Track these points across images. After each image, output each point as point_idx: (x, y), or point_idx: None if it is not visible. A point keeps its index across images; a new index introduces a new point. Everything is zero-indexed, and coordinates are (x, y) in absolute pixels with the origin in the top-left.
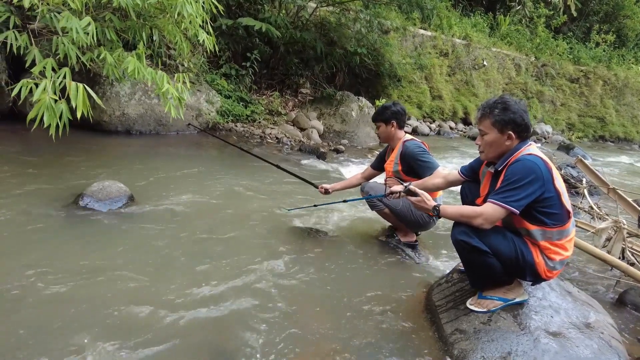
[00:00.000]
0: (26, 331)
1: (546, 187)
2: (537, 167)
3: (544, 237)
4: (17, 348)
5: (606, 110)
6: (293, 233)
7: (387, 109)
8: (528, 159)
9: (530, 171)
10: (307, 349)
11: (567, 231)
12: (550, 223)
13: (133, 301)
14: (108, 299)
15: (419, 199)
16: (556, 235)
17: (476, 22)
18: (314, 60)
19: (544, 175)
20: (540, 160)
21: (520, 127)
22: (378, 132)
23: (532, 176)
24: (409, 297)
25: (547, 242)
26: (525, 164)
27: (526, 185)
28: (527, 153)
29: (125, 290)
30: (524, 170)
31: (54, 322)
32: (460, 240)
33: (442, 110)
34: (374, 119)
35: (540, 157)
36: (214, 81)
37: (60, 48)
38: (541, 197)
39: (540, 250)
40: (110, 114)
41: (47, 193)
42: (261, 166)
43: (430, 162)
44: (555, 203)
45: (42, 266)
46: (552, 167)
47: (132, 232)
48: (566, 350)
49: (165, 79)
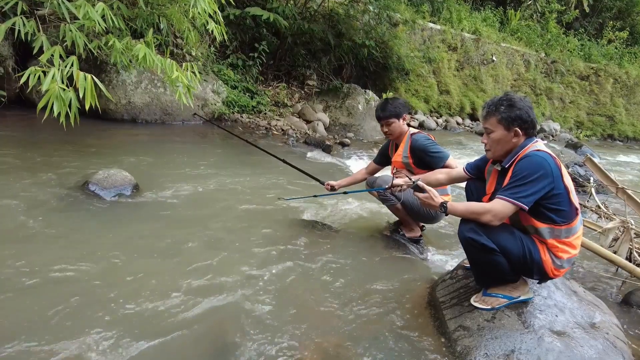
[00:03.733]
0: (26, 320)
1: (555, 183)
2: (546, 163)
3: (552, 235)
4: (18, 335)
5: (616, 108)
6: (297, 226)
7: (394, 104)
8: (537, 154)
9: (539, 167)
10: (310, 341)
11: (575, 229)
12: (559, 221)
13: (135, 290)
14: (109, 288)
15: (426, 195)
16: (564, 233)
17: (486, 17)
18: (321, 52)
19: (553, 171)
20: (549, 157)
21: (526, 124)
22: (389, 129)
23: (541, 172)
24: (413, 292)
25: (555, 240)
26: (534, 159)
27: (535, 181)
28: (536, 149)
29: (127, 279)
30: (532, 166)
31: (54, 310)
32: (468, 237)
33: (450, 105)
34: (385, 116)
35: (549, 153)
36: (221, 71)
37: (67, 35)
38: (550, 194)
39: (548, 249)
40: (116, 102)
41: (52, 180)
42: (266, 157)
43: (441, 153)
44: (564, 200)
45: (44, 253)
46: (560, 164)
47: (136, 220)
48: (570, 350)
49: (175, 66)
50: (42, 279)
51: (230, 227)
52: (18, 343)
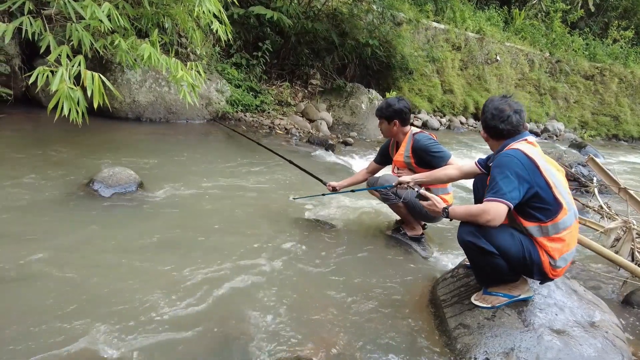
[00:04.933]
0: (32, 313)
1: (533, 179)
2: (515, 159)
3: (540, 233)
4: (22, 331)
5: (621, 108)
6: (300, 224)
7: (390, 107)
8: (507, 152)
9: (508, 163)
10: (312, 338)
11: (563, 223)
12: (544, 218)
13: (141, 286)
14: (114, 283)
15: (430, 202)
16: (552, 230)
17: (490, 16)
18: (325, 51)
19: (524, 166)
20: (519, 153)
21: (488, 127)
22: (380, 127)
23: (510, 169)
24: (414, 290)
25: (545, 239)
26: (503, 158)
27: (509, 177)
28: (510, 147)
29: (132, 275)
30: (502, 164)
31: (61, 304)
32: (467, 241)
33: (453, 104)
34: (377, 115)
35: (520, 149)
36: (225, 70)
37: (74, 35)
38: (532, 192)
39: (543, 249)
40: (121, 101)
41: (57, 178)
42: (270, 156)
43: (443, 152)
44: (546, 197)
45: (49, 250)
46: (536, 159)
47: (141, 218)
48: (569, 348)
49: (180, 65)
50: (47, 275)
51: (233, 225)
52: (27, 335)
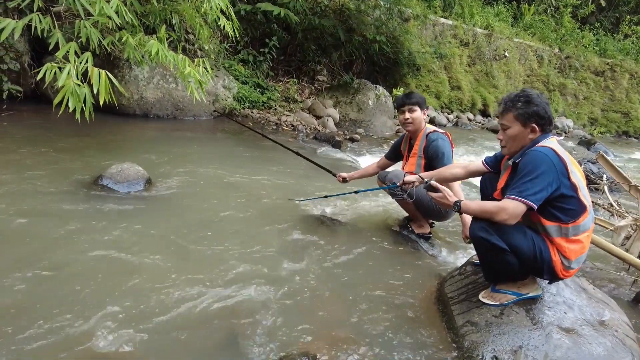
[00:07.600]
0: (38, 309)
1: (561, 180)
2: (547, 158)
3: (559, 233)
4: (29, 324)
5: (632, 105)
6: (307, 221)
7: (417, 95)
8: (539, 150)
9: (541, 162)
10: (319, 335)
11: (584, 226)
12: (566, 219)
13: (148, 283)
14: (122, 280)
15: (440, 195)
16: (572, 231)
17: (499, 12)
18: (332, 48)
19: (556, 166)
20: (551, 152)
21: (543, 120)
22: (411, 116)
23: (543, 167)
24: (421, 287)
25: (562, 239)
26: (534, 155)
27: (539, 178)
28: (541, 145)
29: (139, 272)
30: (534, 161)
31: (64, 302)
32: (479, 236)
33: (461, 101)
34: (411, 102)
35: (552, 148)
36: (232, 67)
37: (82, 31)
38: (557, 193)
39: (557, 249)
40: (128, 97)
41: (66, 174)
42: (277, 153)
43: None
44: (571, 199)
45: (56, 245)
46: (566, 160)
47: (149, 214)
48: (578, 347)
49: (187, 62)
50: (56, 271)
51: (241, 222)
52: (38, 330)
